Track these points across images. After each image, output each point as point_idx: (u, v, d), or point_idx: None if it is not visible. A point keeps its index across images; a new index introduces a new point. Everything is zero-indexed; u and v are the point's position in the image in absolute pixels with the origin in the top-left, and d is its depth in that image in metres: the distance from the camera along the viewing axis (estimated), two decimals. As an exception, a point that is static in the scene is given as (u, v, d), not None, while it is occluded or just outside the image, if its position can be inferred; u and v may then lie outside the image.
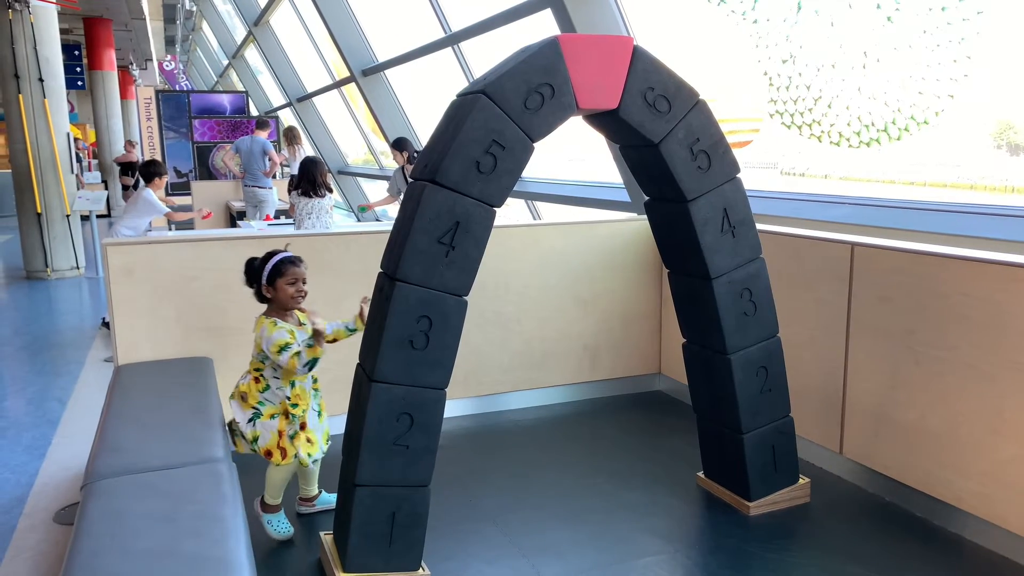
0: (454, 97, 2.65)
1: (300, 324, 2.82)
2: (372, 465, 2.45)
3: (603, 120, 2.79)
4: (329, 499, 3.05)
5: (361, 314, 2.78)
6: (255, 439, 2.76)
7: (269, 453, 2.75)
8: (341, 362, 3.23)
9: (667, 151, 2.73)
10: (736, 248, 2.91)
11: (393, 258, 2.48)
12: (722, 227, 2.87)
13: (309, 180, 5.82)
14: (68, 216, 9.00)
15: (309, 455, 2.79)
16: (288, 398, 2.78)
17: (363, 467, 2.44)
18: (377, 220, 7.05)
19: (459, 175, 2.41)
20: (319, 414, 2.90)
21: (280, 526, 2.86)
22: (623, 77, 2.61)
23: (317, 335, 2.63)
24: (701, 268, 2.90)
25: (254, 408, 2.77)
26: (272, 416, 2.77)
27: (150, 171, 6.46)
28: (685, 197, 2.80)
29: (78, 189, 14.05)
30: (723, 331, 2.92)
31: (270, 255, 2.77)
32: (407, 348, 2.42)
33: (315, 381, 2.92)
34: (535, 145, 2.54)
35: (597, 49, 2.57)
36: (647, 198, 3.08)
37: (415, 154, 6.60)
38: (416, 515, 2.53)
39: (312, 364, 2.67)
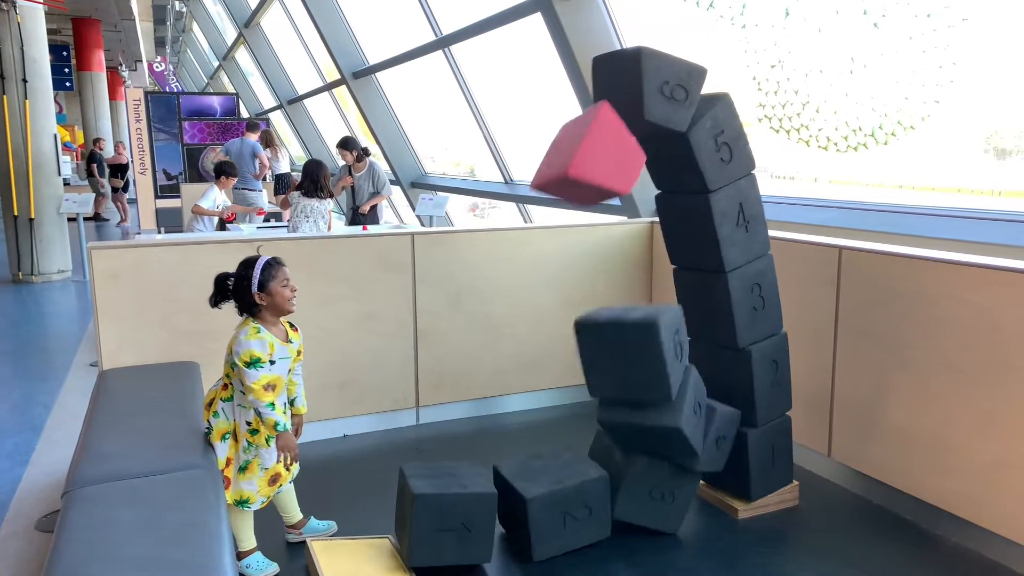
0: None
1: (288, 340, 2.61)
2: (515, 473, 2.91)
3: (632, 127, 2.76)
4: (317, 527, 2.87)
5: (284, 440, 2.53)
6: None
7: None
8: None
9: (695, 140, 2.74)
10: (748, 243, 2.92)
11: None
12: (737, 221, 2.88)
13: (312, 181, 5.84)
14: (31, 220, 8.80)
15: (268, 493, 2.61)
16: (249, 423, 2.56)
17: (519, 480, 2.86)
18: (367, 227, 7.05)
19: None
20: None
21: (260, 566, 2.64)
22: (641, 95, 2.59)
23: (295, 418, 2.71)
24: (715, 262, 2.90)
25: (207, 422, 2.58)
26: (223, 437, 2.56)
27: (218, 169, 6.92)
28: (708, 188, 2.81)
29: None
30: (735, 326, 2.93)
31: (249, 263, 2.55)
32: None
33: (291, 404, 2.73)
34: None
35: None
36: (658, 192, 3.08)
37: (362, 152, 6.91)
38: (465, 545, 2.64)
39: (264, 420, 2.48)
